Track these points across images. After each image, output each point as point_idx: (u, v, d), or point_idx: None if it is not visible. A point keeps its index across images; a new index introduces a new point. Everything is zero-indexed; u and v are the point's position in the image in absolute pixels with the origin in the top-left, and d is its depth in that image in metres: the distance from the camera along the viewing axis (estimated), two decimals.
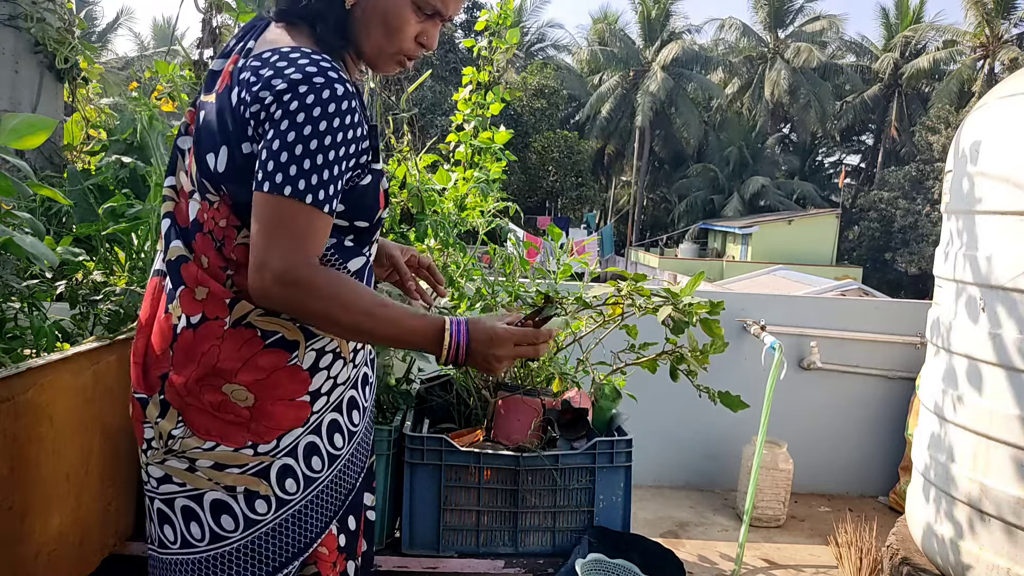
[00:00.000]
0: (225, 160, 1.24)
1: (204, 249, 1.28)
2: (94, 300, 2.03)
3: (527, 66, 32.62)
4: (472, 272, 2.56)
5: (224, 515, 1.31)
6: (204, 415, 1.27)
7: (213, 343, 1.26)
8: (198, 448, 1.28)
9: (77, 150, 3.07)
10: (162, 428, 1.29)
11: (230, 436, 1.28)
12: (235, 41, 1.35)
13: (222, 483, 1.29)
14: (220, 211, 1.27)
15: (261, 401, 1.28)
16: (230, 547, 1.32)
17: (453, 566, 2.19)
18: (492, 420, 2.41)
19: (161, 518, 1.33)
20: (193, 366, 1.26)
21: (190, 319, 1.27)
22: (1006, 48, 30.23)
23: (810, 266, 21.97)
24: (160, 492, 1.32)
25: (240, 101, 1.21)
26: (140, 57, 27.94)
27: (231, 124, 1.23)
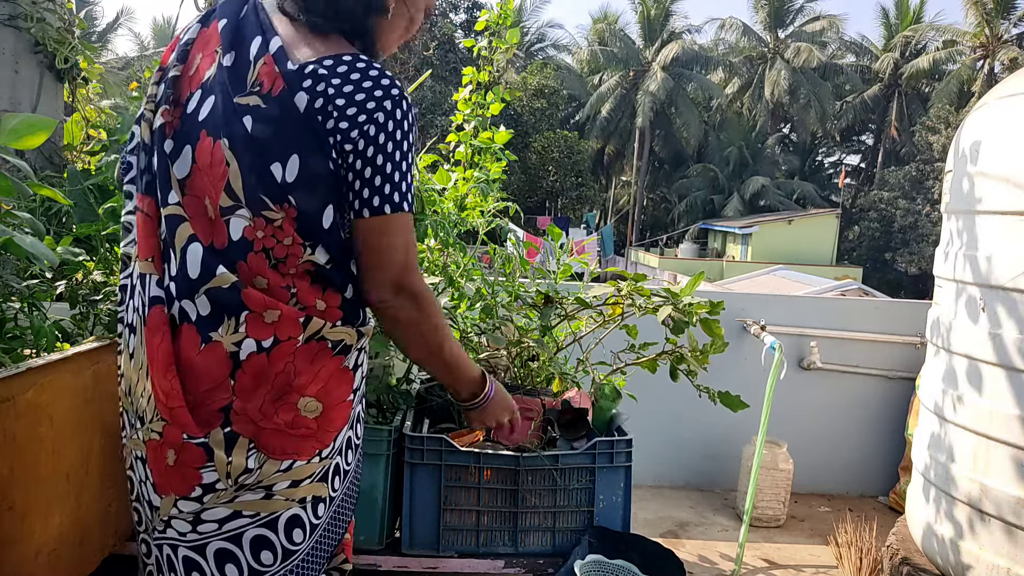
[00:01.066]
0: (297, 169, 1.18)
1: (258, 270, 1.21)
2: (94, 300, 2.04)
3: (527, 66, 32.60)
4: (472, 272, 2.56)
5: (296, 529, 1.30)
6: (279, 436, 1.24)
7: (287, 361, 1.23)
8: (277, 472, 1.25)
9: (77, 150, 3.07)
10: (234, 466, 1.22)
11: (304, 450, 1.26)
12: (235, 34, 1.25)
13: (296, 498, 1.28)
14: (284, 229, 1.20)
15: (327, 408, 1.28)
16: (298, 559, 1.31)
17: (453, 566, 2.19)
18: None
19: (221, 559, 1.26)
20: (266, 388, 1.22)
21: (261, 343, 1.21)
22: (1006, 48, 30.22)
23: (810, 266, 21.97)
24: (223, 532, 1.25)
25: (317, 111, 1.17)
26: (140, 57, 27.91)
27: (300, 131, 1.18)
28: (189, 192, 1.23)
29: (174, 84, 1.28)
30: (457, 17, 30.63)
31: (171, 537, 1.27)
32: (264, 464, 1.23)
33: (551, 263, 2.75)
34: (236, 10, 1.28)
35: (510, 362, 2.49)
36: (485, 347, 2.50)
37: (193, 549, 1.26)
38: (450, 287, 2.53)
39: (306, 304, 1.25)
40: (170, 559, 1.29)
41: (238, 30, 1.26)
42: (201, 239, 1.22)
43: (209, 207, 1.22)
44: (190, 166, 1.23)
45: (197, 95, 1.25)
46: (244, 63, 1.22)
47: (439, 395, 2.58)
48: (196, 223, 1.23)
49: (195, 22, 1.33)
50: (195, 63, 1.28)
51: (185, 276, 1.22)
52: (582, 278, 2.84)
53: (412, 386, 2.60)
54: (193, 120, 1.24)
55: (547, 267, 2.74)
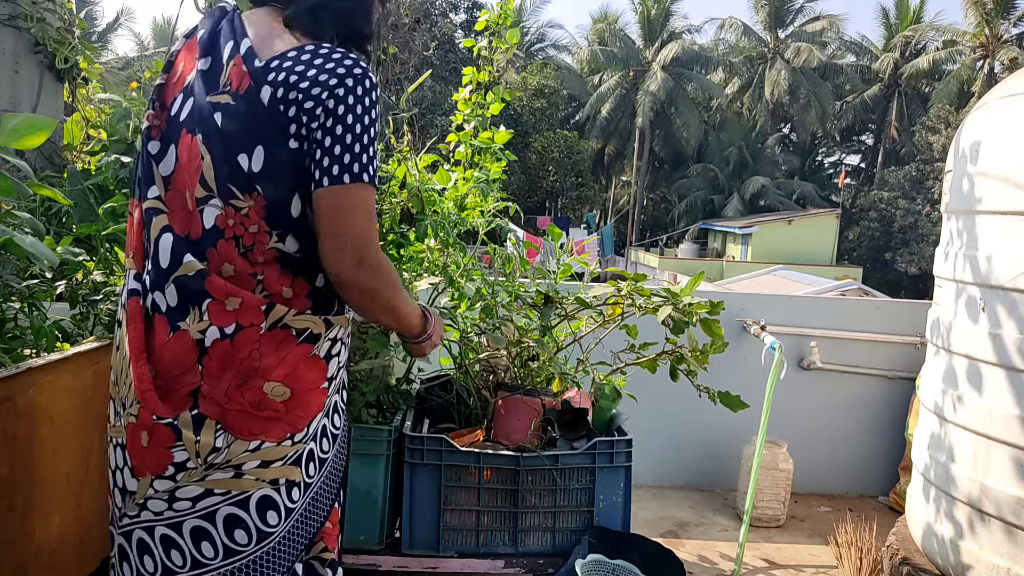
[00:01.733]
0: (262, 160, 1.26)
1: (227, 257, 1.28)
2: (94, 300, 2.04)
3: (527, 66, 32.60)
4: (472, 272, 2.56)
5: (270, 511, 1.34)
6: (246, 417, 1.29)
7: (252, 347, 1.28)
8: (245, 452, 1.30)
9: (77, 150, 3.07)
10: (202, 445, 1.28)
11: (272, 431, 1.32)
12: (211, 40, 1.35)
13: (267, 479, 1.33)
14: (250, 217, 1.28)
15: (296, 393, 1.33)
16: (273, 542, 1.35)
17: (453, 566, 2.19)
18: (492, 420, 2.41)
19: (197, 537, 1.31)
20: (232, 372, 1.28)
21: (223, 330, 1.27)
22: (1006, 48, 30.22)
23: (810, 266, 21.97)
24: (197, 509, 1.30)
25: (280, 100, 1.25)
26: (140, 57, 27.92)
27: (265, 123, 1.26)
28: (172, 188, 1.32)
29: (160, 91, 1.39)
30: (457, 17, 30.64)
31: (146, 519, 1.32)
32: (232, 444, 1.29)
33: (551, 263, 2.75)
34: (215, 21, 1.39)
35: (510, 362, 2.49)
36: (485, 347, 2.51)
37: (170, 527, 1.31)
38: (450, 287, 2.53)
39: (272, 291, 1.31)
40: (142, 542, 1.33)
41: (214, 37, 1.36)
42: (177, 230, 1.30)
43: (188, 200, 1.30)
44: (174, 164, 1.32)
45: (179, 98, 1.35)
46: (218, 66, 1.32)
47: (439, 395, 2.58)
48: (175, 216, 1.31)
49: (182, 35, 1.44)
50: (179, 71, 1.38)
51: (157, 266, 1.30)
52: (582, 278, 2.84)
53: (412, 386, 2.60)
54: (176, 121, 1.34)
55: (547, 267, 2.74)
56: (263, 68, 1.27)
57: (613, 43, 36.02)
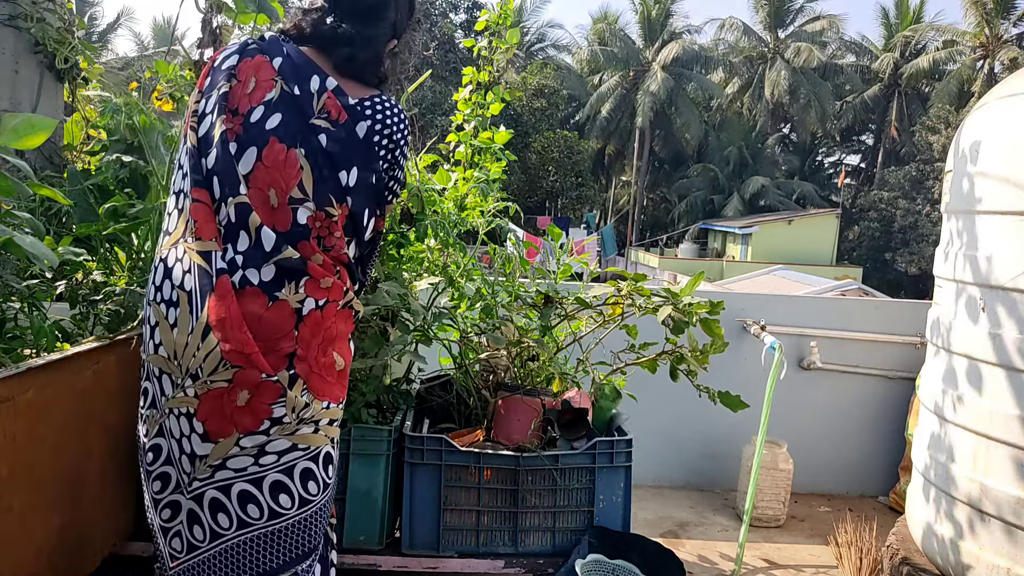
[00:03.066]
0: (356, 178, 1.56)
1: (312, 251, 1.52)
2: (94, 300, 2.04)
3: (527, 66, 32.59)
4: (472, 272, 2.56)
5: (329, 465, 1.59)
6: (322, 380, 1.53)
7: (332, 319, 1.55)
8: (322, 408, 1.53)
9: (77, 150, 3.07)
10: (296, 401, 1.49)
11: (336, 394, 1.57)
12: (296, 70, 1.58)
13: (331, 436, 1.58)
14: (338, 223, 1.55)
15: (346, 365, 1.60)
16: (329, 493, 1.59)
17: (453, 566, 2.20)
18: (492, 420, 2.41)
19: (275, 490, 1.50)
20: (319, 339, 1.52)
21: (318, 302, 1.52)
22: (1006, 48, 30.20)
23: (810, 266, 21.96)
24: (282, 463, 1.50)
25: (373, 133, 1.58)
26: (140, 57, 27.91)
27: (359, 150, 1.56)
28: (253, 186, 1.51)
29: (227, 98, 1.56)
30: (457, 17, 30.64)
31: (222, 479, 1.48)
32: (312, 402, 1.51)
33: (551, 263, 2.75)
34: (281, 49, 1.61)
35: (510, 362, 2.49)
36: (485, 347, 2.51)
37: (251, 482, 1.48)
38: (450, 287, 2.53)
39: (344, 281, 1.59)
40: (216, 501, 1.48)
41: (296, 68, 1.58)
42: (268, 224, 1.50)
43: (273, 197, 1.51)
44: (254, 163, 1.51)
45: (260, 110, 1.54)
46: (307, 93, 1.56)
47: (439, 395, 2.58)
48: (260, 211, 1.51)
49: (233, 52, 1.62)
50: (250, 84, 1.57)
51: (260, 250, 1.49)
52: (582, 278, 2.84)
53: (412, 386, 2.60)
54: (260, 128, 1.53)
55: (547, 267, 2.74)
56: (356, 106, 1.57)
57: (613, 43, 36.00)
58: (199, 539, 1.50)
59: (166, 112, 2.51)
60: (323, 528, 1.60)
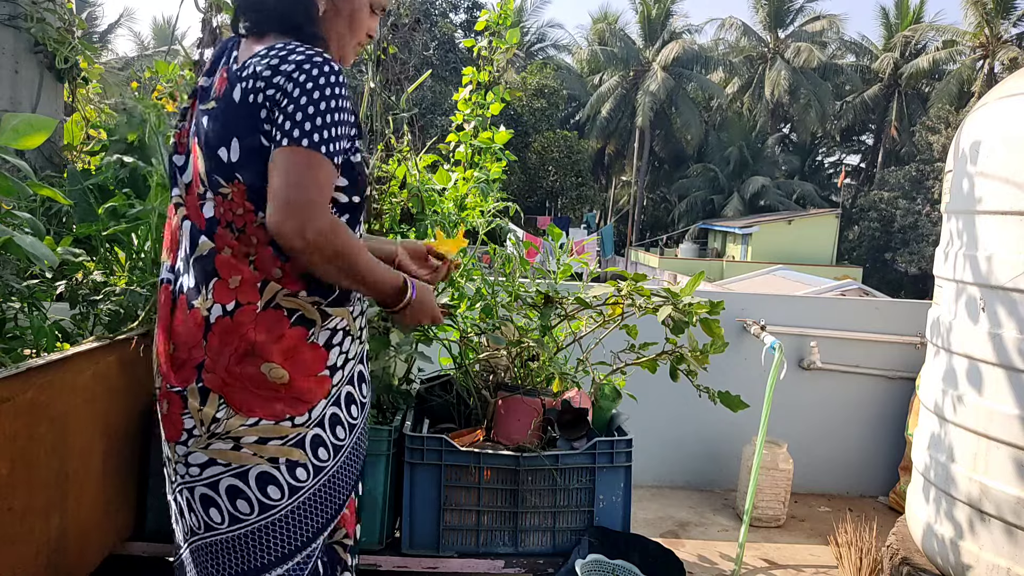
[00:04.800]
0: (238, 150, 1.38)
1: (225, 241, 1.41)
2: (94, 300, 2.03)
3: (527, 66, 32.59)
4: (472, 272, 2.56)
5: (270, 486, 1.44)
6: (246, 393, 1.40)
7: (249, 325, 1.40)
8: (243, 426, 1.41)
9: (77, 150, 3.07)
10: (205, 415, 1.41)
11: (273, 410, 1.42)
12: (215, 61, 1.52)
13: (266, 456, 1.43)
14: (235, 201, 1.40)
15: (293, 377, 1.43)
16: (279, 514, 1.46)
17: (453, 566, 2.19)
18: (492, 420, 2.41)
19: (205, 503, 1.45)
20: (232, 348, 1.39)
21: (225, 307, 1.40)
22: (1006, 48, 30.19)
23: (810, 266, 21.94)
24: (204, 477, 1.44)
25: (248, 92, 1.37)
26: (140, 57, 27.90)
27: (238, 117, 1.38)
28: (188, 192, 1.48)
29: (184, 113, 1.56)
30: (457, 17, 30.64)
31: (177, 482, 1.49)
32: (231, 417, 1.41)
33: (551, 263, 2.75)
34: (223, 48, 1.54)
35: (510, 362, 2.49)
36: (485, 347, 2.50)
37: (189, 490, 1.47)
38: (450, 287, 2.53)
39: (262, 269, 1.41)
40: (187, 500, 1.48)
41: (216, 59, 1.52)
42: (195, 220, 1.46)
43: (191, 197, 1.47)
44: (191, 172, 1.48)
45: (196, 116, 1.50)
46: (213, 81, 1.48)
47: (439, 395, 2.58)
48: (190, 210, 1.47)
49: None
50: (196, 98, 1.54)
51: (185, 252, 1.46)
52: (582, 278, 2.84)
53: (412, 386, 2.60)
54: (190, 135, 1.51)
55: (547, 267, 2.74)
56: (238, 70, 1.41)
57: (613, 43, 35.99)
58: (179, 538, 1.55)
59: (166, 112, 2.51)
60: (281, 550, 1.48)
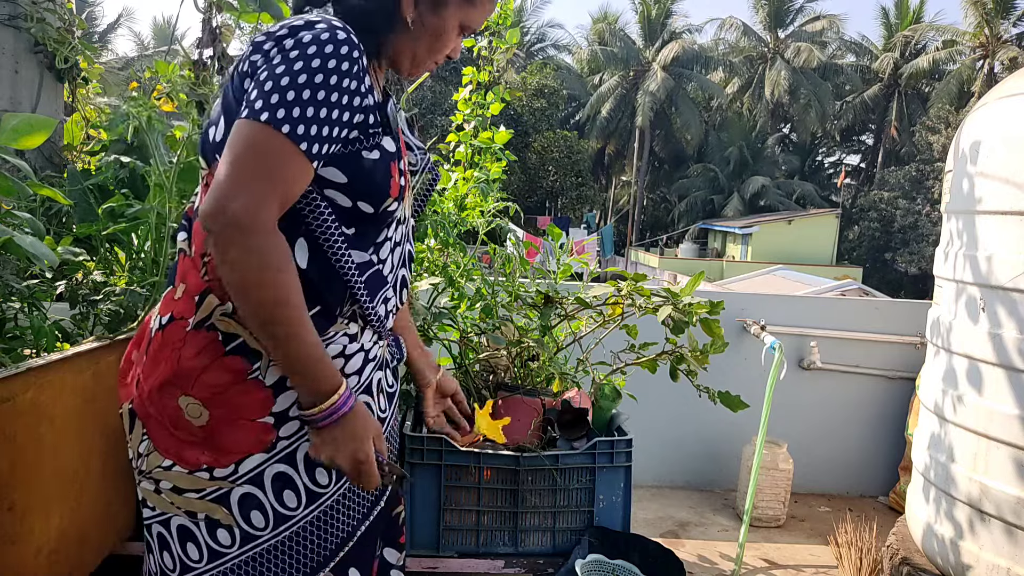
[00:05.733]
0: (223, 128, 1.16)
1: (197, 235, 1.19)
2: (94, 300, 2.03)
3: (527, 66, 32.60)
4: (472, 272, 2.56)
5: (189, 543, 1.21)
6: (163, 430, 1.18)
7: (175, 346, 1.16)
8: (159, 467, 1.19)
9: (77, 150, 3.07)
10: (133, 444, 1.23)
11: (185, 456, 1.17)
12: None
13: (183, 508, 1.19)
14: (208, 185, 1.15)
15: (215, 419, 1.15)
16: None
17: (453, 566, 2.19)
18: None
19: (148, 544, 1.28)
20: (157, 371, 1.17)
21: (161, 319, 1.20)
22: (1006, 48, 30.21)
23: (810, 266, 21.95)
24: (144, 515, 1.26)
25: (240, 62, 1.17)
26: (140, 57, 27.94)
27: (230, 94, 1.18)
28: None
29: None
30: None
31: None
32: (150, 453, 1.20)
33: (551, 263, 2.75)
34: None
35: (510, 362, 2.49)
36: (485, 347, 2.51)
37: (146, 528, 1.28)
38: (450, 287, 2.53)
39: (212, 276, 1.15)
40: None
41: None
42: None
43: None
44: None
45: None
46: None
47: None
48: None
49: None
50: None
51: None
52: (582, 278, 2.84)
53: (412, 386, 2.60)
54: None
55: (547, 267, 2.74)
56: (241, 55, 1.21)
57: (613, 43, 36.01)
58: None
59: (166, 112, 2.51)
60: None
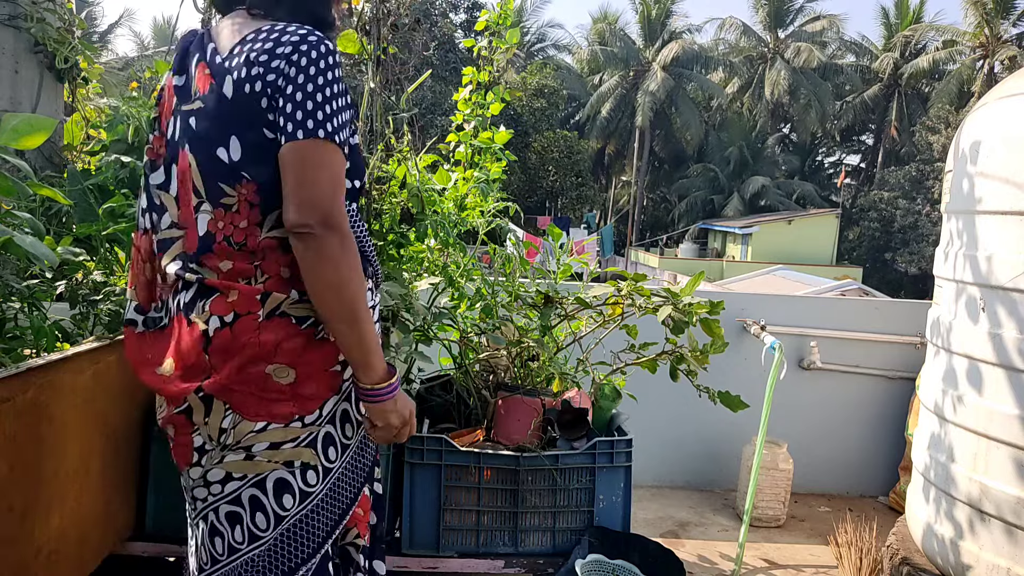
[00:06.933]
0: (239, 148, 1.30)
1: (222, 257, 1.32)
2: (94, 300, 2.03)
3: (527, 66, 32.59)
4: (472, 272, 2.56)
5: (285, 494, 1.37)
6: (251, 398, 1.32)
7: (251, 334, 1.31)
8: (251, 432, 1.33)
9: (77, 150, 3.07)
10: (211, 427, 1.33)
11: (278, 412, 1.33)
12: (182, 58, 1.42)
13: (280, 460, 1.35)
14: (240, 212, 1.31)
15: (302, 377, 1.34)
16: (288, 525, 1.38)
17: (453, 566, 2.19)
18: (492, 420, 2.41)
19: (232, 521, 1.37)
20: (235, 358, 1.31)
21: (223, 319, 1.31)
22: (1006, 48, 30.19)
23: (810, 266, 21.94)
24: (226, 493, 1.36)
25: (242, 82, 1.29)
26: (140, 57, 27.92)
27: (234, 112, 1.30)
28: (181, 204, 1.37)
29: (155, 123, 1.46)
30: (457, 17, 30.63)
31: (194, 510, 1.42)
32: (238, 424, 1.32)
33: (551, 263, 2.75)
34: (186, 42, 1.45)
35: (510, 362, 2.49)
36: (485, 347, 2.51)
37: (213, 512, 1.38)
38: (450, 287, 2.53)
39: (271, 274, 1.33)
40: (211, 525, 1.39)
41: (185, 55, 1.42)
42: (189, 249, 1.36)
43: (185, 219, 1.36)
44: (176, 183, 1.38)
45: (171, 122, 1.41)
46: (189, 79, 1.39)
47: (439, 395, 2.58)
48: (188, 232, 1.36)
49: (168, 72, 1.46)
50: (165, 100, 1.45)
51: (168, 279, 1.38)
52: (582, 278, 2.84)
53: (412, 386, 2.60)
54: (172, 142, 1.40)
55: (547, 267, 2.74)
56: (223, 62, 1.32)
57: (613, 43, 35.99)
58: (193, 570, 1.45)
59: None
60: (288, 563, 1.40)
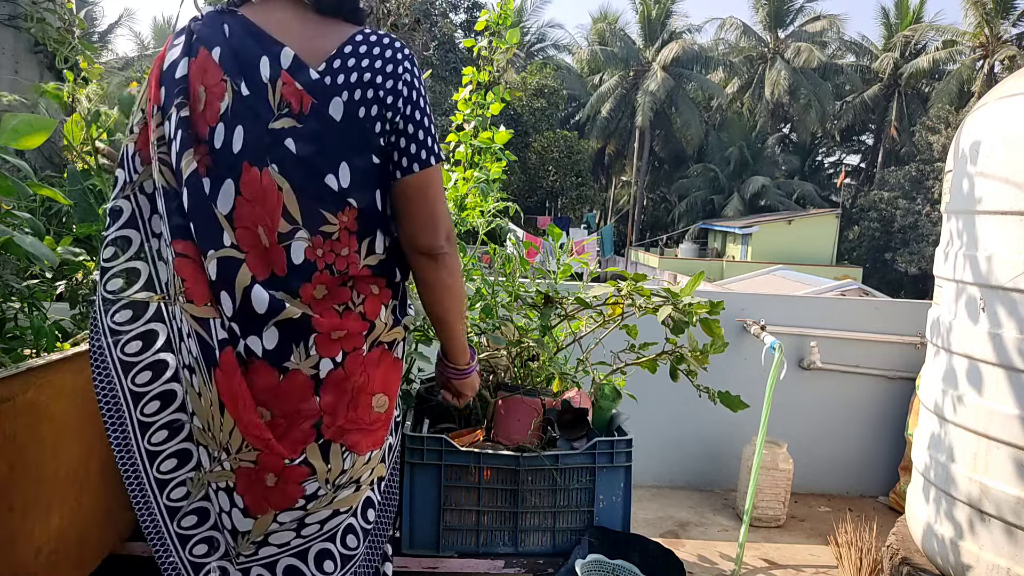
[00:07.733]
0: (348, 174, 1.25)
1: (316, 284, 1.26)
2: (94, 300, 2.03)
3: (527, 66, 32.59)
4: (472, 272, 2.56)
5: (369, 509, 1.44)
6: (363, 434, 1.35)
7: (360, 369, 1.32)
8: (363, 465, 1.37)
9: (77, 150, 3.07)
10: (332, 471, 1.32)
11: (379, 440, 1.39)
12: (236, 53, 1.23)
13: (376, 477, 1.43)
14: (340, 240, 1.26)
15: (390, 399, 1.40)
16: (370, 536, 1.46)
17: (453, 566, 2.19)
18: (492, 420, 2.41)
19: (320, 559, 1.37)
20: (346, 397, 1.31)
21: (335, 359, 1.29)
22: (1006, 48, 30.19)
23: (810, 266, 21.94)
24: (325, 531, 1.37)
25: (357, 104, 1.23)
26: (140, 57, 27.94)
27: (346, 137, 1.23)
28: (239, 226, 1.24)
29: (189, 124, 1.25)
30: (457, 17, 30.64)
31: (265, 556, 1.35)
32: (356, 462, 1.35)
33: (551, 263, 2.75)
34: (219, 33, 1.25)
35: (510, 362, 2.49)
36: (485, 347, 2.50)
37: (296, 555, 1.36)
38: None
39: (365, 293, 1.32)
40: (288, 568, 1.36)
41: (237, 54, 1.23)
42: (261, 274, 1.24)
43: (263, 236, 1.23)
44: (233, 199, 1.23)
45: (220, 129, 1.23)
46: (261, 86, 1.22)
47: (439, 395, 2.58)
48: (251, 257, 1.24)
49: (180, 56, 1.27)
50: (201, 98, 1.25)
51: (251, 313, 1.24)
52: (582, 278, 2.84)
53: (412, 386, 2.60)
54: (227, 154, 1.23)
55: (547, 267, 2.74)
56: (322, 79, 1.21)
57: (613, 43, 35.99)
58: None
59: None
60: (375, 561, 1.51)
